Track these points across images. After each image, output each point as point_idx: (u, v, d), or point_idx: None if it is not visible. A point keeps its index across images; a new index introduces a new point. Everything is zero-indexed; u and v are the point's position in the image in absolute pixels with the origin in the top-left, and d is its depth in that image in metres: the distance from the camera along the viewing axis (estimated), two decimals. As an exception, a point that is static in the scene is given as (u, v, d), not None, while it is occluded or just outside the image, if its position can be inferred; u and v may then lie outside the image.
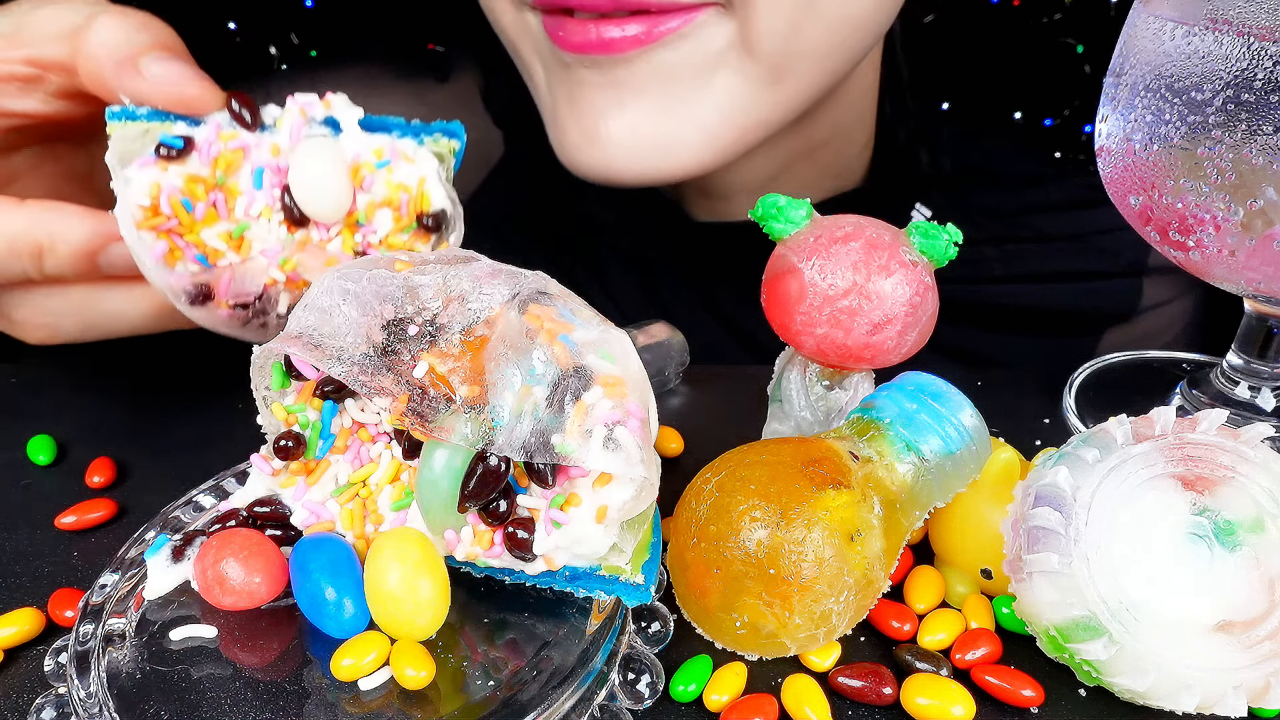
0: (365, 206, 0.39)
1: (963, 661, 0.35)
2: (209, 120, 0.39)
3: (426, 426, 0.31)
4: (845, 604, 0.33)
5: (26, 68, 0.40)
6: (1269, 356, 0.46)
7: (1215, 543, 0.32)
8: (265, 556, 0.33)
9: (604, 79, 0.50)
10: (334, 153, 0.39)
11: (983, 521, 0.37)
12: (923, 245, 0.39)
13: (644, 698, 0.33)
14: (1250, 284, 0.41)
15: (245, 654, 0.32)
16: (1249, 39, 0.36)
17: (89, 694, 0.30)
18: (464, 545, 0.33)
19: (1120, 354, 0.54)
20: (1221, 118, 0.37)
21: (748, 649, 0.35)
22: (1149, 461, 0.34)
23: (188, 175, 0.38)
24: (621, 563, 0.33)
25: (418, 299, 0.33)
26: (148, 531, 0.37)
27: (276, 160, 0.38)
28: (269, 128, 0.39)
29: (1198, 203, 0.39)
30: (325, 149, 0.38)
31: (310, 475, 0.35)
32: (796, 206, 0.40)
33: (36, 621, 0.36)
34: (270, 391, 0.36)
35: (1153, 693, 0.32)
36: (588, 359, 0.32)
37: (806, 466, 0.34)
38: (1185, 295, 0.71)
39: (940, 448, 0.36)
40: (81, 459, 0.46)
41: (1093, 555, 0.33)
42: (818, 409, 0.42)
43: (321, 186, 0.38)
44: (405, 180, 0.40)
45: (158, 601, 0.34)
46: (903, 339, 0.39)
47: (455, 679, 0.31)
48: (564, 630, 0.33)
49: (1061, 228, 0.68)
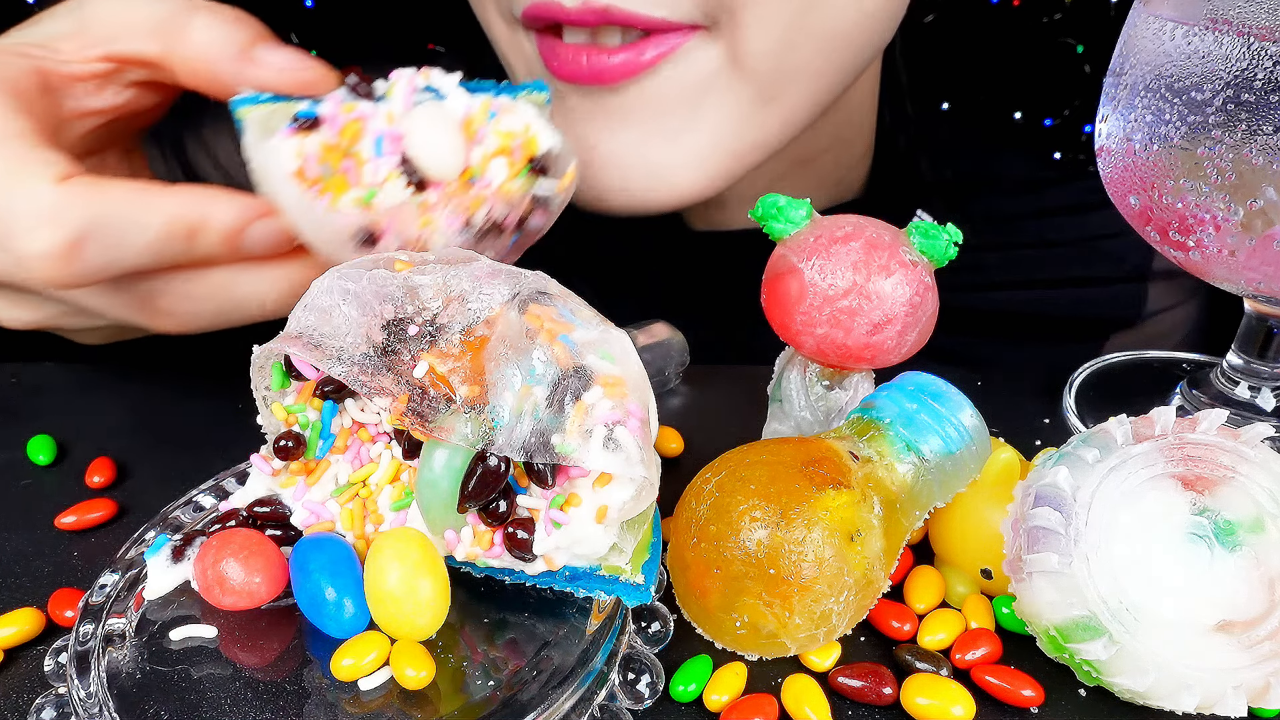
0: (480, 160, 0.41)
1: (963, 661, 0.35)
2: (327, 98, 0.41)
3: (426, 426, 0.31)
4: (845, 604, 0.33)
5: (104, 64, 0.42)
6: (1269, 356, 0.46)
7: (1215, 543, 0.32)
8: (265, 556, 0.33)
9: (595, 107, 0.51)
10: (444, 112, 0.41)
11: (983, 521, 0.37)
12: (923, 245, 0.39)
13: (644, 698, 0.33)
14: (1250, 284, 0.41)
15: (245, 654, 0.32)
16: (1249, 39, 0.36)
17: (89, 694, 0.30)
18: (464, 545, 0.33)
19: (1120, 354, 0.54)
20: (1221, 118, 0.37)
21: (748, 649, 0.35)
22: (1149, 461, 0.34)
23: (322, 144, 0.40)
24: (621, 563, 0.33)
25: (418, 299, 0.33)
26: (148, 531, 0.37)
27: (392, 127, 0.40)
28: (382, 98, 0.41)
29: (1198, 203, 0.39)
30: (436, 110, 0.41)
31: (310, 475, 0.35)
32: (796, 206, 0.40)
33: (36, 621, 0.36)
34: (270, 391, 0.36)
35: (1153, 693, 0.32)
36: (588, 359, 0.32)
37: (806, 466, 0.34)
38: (1190, 300, 0.71)
39: (940, 448, 0.36)
40: (81, 459, 0.46)
41: (1093, 555, 0.33)
42: (818, 409, 0.42)
43: (437, 145, 0.40)
44: (513, 127, 0.41)
45: (158, 601, 0.34)
46: (903, 339, 0.39)
47: (455, 679, 0.31)
48: (564, 630, 0.33)
49: (1065, 233, 0.68)
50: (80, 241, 0.36)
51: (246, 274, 0.41)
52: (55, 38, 0.41)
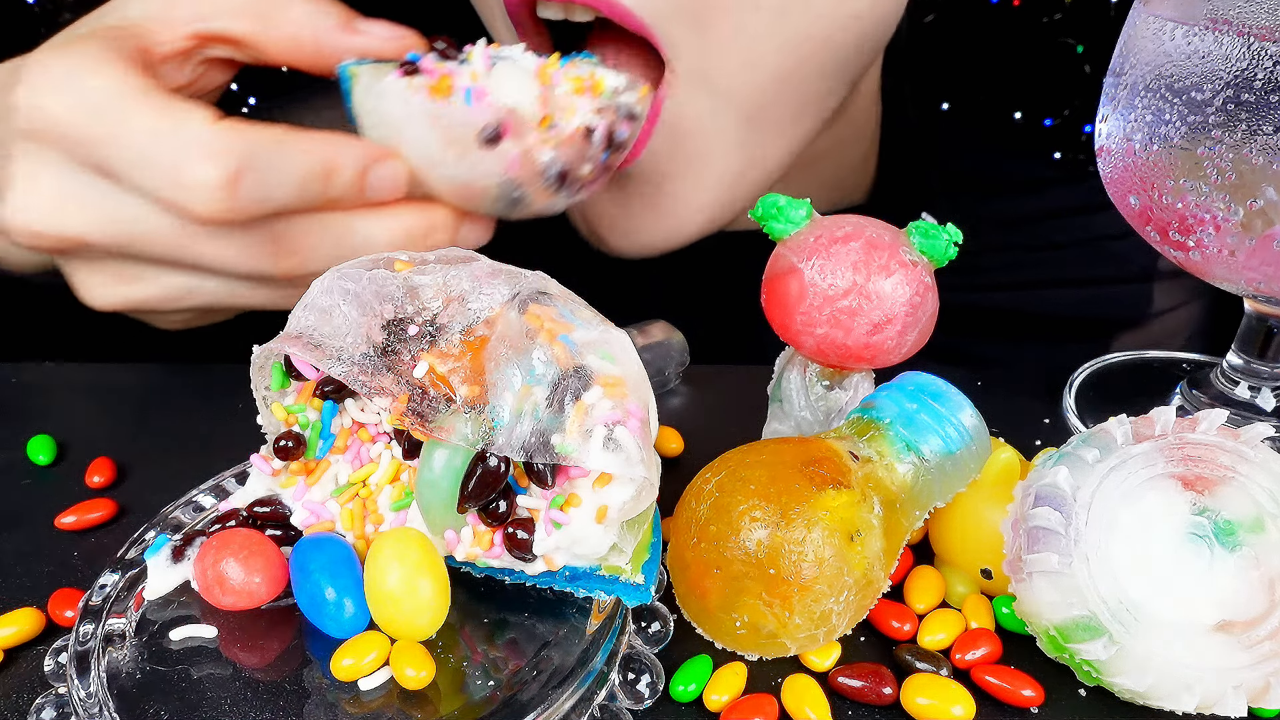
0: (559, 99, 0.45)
1: (963, 661, 0.35)
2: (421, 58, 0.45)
3: (426, 426, 0.31)
4: (845, 604, 0.33)
5: (189, 43, 0.44)
6: (1269, 356, 0.46)
7: (1215, 543, 0.32)
8: (265, 556, 0.33)
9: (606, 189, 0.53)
10: (520, 67, 0.45)
11: (983, 521, 0.37)
12: (923, 245, 0.39)
13: (644, 698, 0.33)
14: (1250, 284, 0.41)
15: (245, 654, 0.32)
16: (1249, 39, 0.36)
17: (89, 694, 0.30)
18: (464, 545, 0.33)
19: (1120, 354, 0.54)
20: (1221, 118, 0.37)
21: (748, 649, 0.35)
22: (1149, 461, 0.34)
23: (427, 84, 0.43)
24: (621, 563, 0.33)
25: (418, 299, 0.33)
26: (148, 531, 0.37)
27: (477, 84, 0.43)
28: (465, 61, 0.45)
29: (1198, 203, 0.39)
30: (513, 66, 0.45)
31: (310, 475, 0.35)
32: (796, 206, 0.40)
33: (36, 621, 0.36)
34: (270, 391, 0.36)
35: (1153, 693, 0.32)
36: (588, 359, 0.32)
37: (806, 466, 0.34)
38: (1194, 301, 0.71)
39: (940, 448, 0.36)
40: (81, 459, 0.46)
41: (1093, 555, 0.33)
42: (818, 409, 0.42)
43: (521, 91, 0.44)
44: (580, 73, 0.46)
45: (158, 601, 0.34)
46: (903, 339, 0.39)
47: (455, 679, 0.31)
48: (564, 630, 0.33)
49: (1070, 234, 0.68)
50: (239, 174, 0.39)
51: (364, 218, 0.44)
52: (145, 19, 0.43)
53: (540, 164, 0.44)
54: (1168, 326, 0.70)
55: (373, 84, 0.43)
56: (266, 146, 0.40)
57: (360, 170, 0.42)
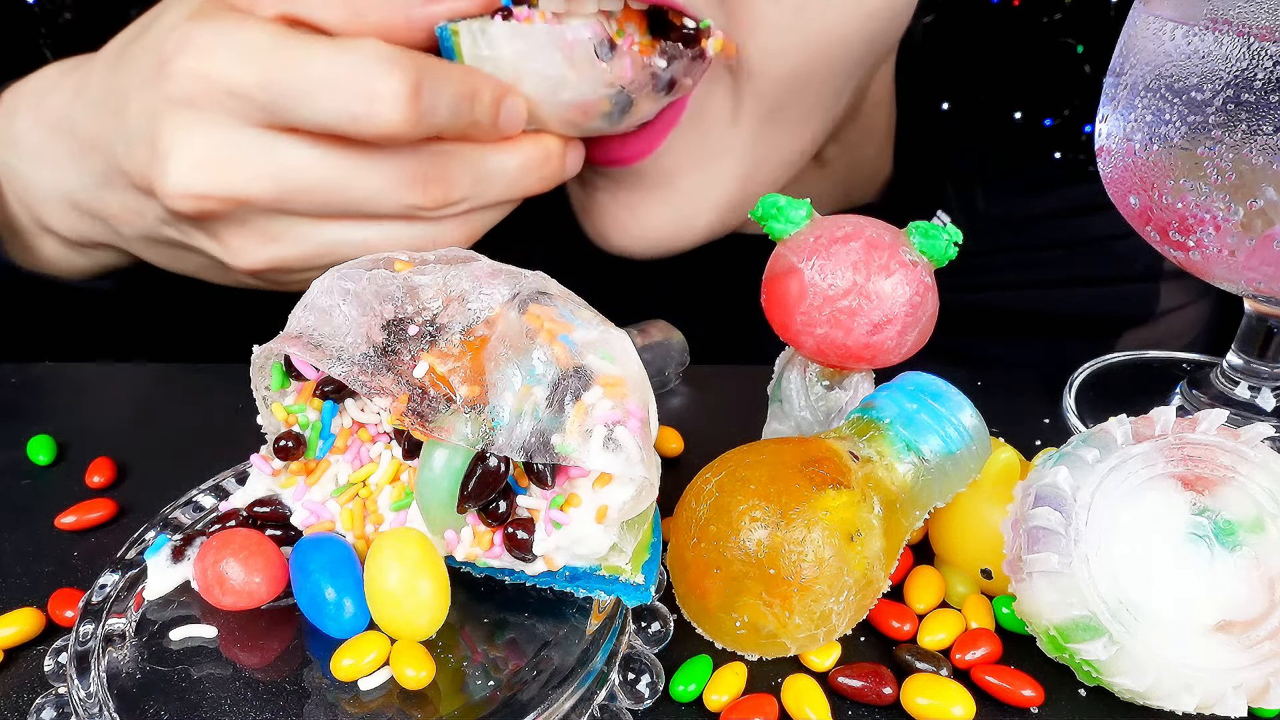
0: None
1: (963, 661, 0.35)
2: None
3: (426, 426, 0.31)
4: (845, 604, 0.33)
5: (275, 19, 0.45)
6: (1269, 356, 0.46)
7: (1215, 543, 0.32)
8: (265, 556, 0.33)
9: (614, 185, 0.55)
10: None
11: (983, 521, 0.37)
12: (923, 245, 0.39)
13: (644, 698, 0.33)
14: (1250, 284, 0.41)
15: (245, 654, 0.32)
16: (1249, 39, 0.36)
17: (89, 694, 0.30)
18: (464, 545, 0.33)
19: (1120, 354, 0.54)
20: (1221, 118, 0.37)
21: (748, 649, 0.35)
22: (1149, 461, 0.34)
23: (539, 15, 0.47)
24: (621, 563, 0.33)
25: (418, 299, 0.33)
26: (148, 531, 0.37)
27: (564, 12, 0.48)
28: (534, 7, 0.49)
29: (1198, 203, 0.39)
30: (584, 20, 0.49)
31: (310, 475, 0.35)
32: (796, 206, 0.40)
33: (36, 621, 0.36)
34: (270, 391, 0.36)
35: (1153, 693, 0.32)
36: (588, 359, 0.32)
37: (806, 466, 0.34)
38: (1200, 300, 0.71)
39: (940, 448, 0.36)
40: (81, 459, 0.46)
41: (1093, 555, 0.33)
42: (818, 409, 0.42)
43: None
44: None
45: (158, 601, 0.34)
46: (903, 339, 0.39)
47: (455, 679, 0.31)
48: (564, 630, 0.33)
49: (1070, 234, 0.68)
50: (419, 84, 0.42)
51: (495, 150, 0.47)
52: None
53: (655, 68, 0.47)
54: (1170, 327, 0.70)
55: (480, 34, 0.46)
56: (430, 63, 0.43)
57: (496, 99, 0.45)
